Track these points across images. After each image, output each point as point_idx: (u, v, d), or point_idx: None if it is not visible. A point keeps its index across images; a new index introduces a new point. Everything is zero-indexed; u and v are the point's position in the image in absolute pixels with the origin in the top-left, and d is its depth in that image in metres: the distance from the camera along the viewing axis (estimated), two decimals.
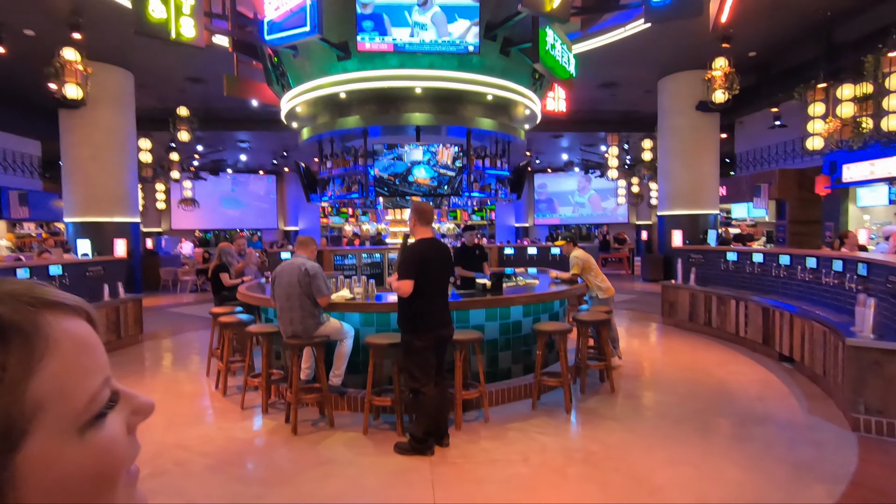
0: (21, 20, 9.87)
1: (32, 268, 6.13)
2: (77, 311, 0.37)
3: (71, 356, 0.35)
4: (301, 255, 4.34)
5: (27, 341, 0.32)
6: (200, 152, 19.88)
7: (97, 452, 0.35)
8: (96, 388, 0.36)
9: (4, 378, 0.31)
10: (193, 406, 4.73)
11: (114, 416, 0.37)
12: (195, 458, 3.64)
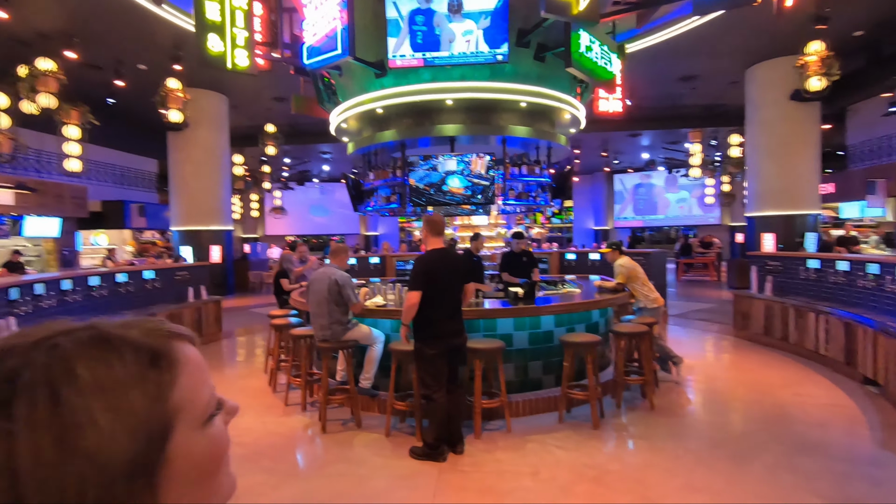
0: (136, 57, 11.43)
1: (130, 273, 7.11)
2: (190, 339, 0.49)
3: (194, 372, 0.47)
4: (333, 264, 4.62)
5: (169, 363, 0.44)
6: (288, 164, 21.56)
7: (214, 441, 0.47)
8: (209, 395, 0.48)
9: (159, 388, 0.43)
10: (246, 399, 5.22)
11: (218, 416, 0.50)
12: (232, 447, 4.03)
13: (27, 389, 0.38)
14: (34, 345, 0.41)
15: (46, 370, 0.39)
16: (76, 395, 0.38)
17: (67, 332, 0.42)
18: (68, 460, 0.37)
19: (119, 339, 0.43)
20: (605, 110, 7.54)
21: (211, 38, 5.10)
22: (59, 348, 0.40)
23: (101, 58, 11.23)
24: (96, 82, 12.07)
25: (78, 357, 0.40)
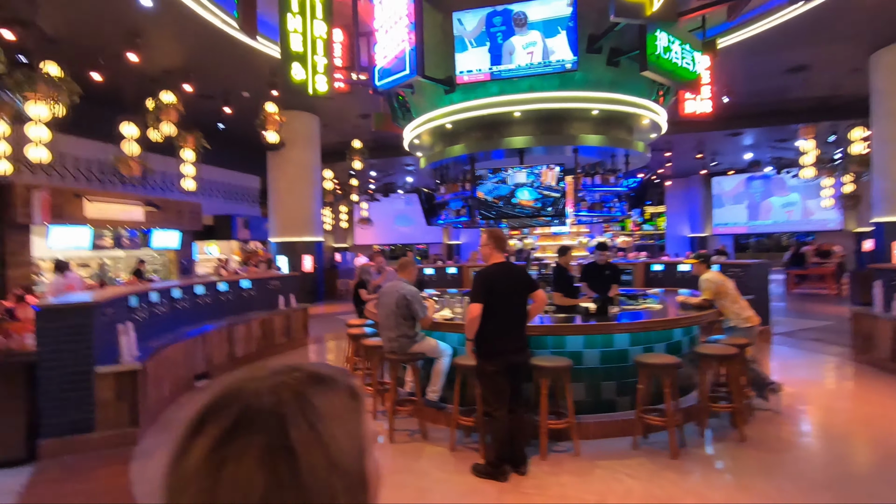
0: (240, 86, 12.67)
1: (230, 281, 7.86)
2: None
3: (366, 403, 0.56)
4: (402, 279, 4.75)
5: (360, 395, 0.54)
6: (374, 177, 22.58)
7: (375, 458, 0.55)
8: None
9: (360, 416, 0.52)
10: None
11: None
12: None
13: (293, 418, 0.46)
14: (271, 384, 0.49)
15: (296, 403, 0.47)
16: (322, 422, 0.47)
17: (285, 372, 0.51)
18: (333, 473, 0.46)
19: (328, 377, 0.52)
20: (692, 112, 7.01)
21: (294, 67, 5.52)
22: (290, 386, 0.49)
23: (212, 88, 12.60)
24: (208, 110, 13.55)
25: (310, 393, 0.49)
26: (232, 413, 0.46)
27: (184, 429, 0.47)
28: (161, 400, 5.24)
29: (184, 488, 0.44)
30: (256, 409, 0.46)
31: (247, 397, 0.47)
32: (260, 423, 0.45)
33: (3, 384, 4.17)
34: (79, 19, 9.30)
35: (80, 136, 11.32)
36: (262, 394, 0.47)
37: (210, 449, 0.44)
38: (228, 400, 0.47)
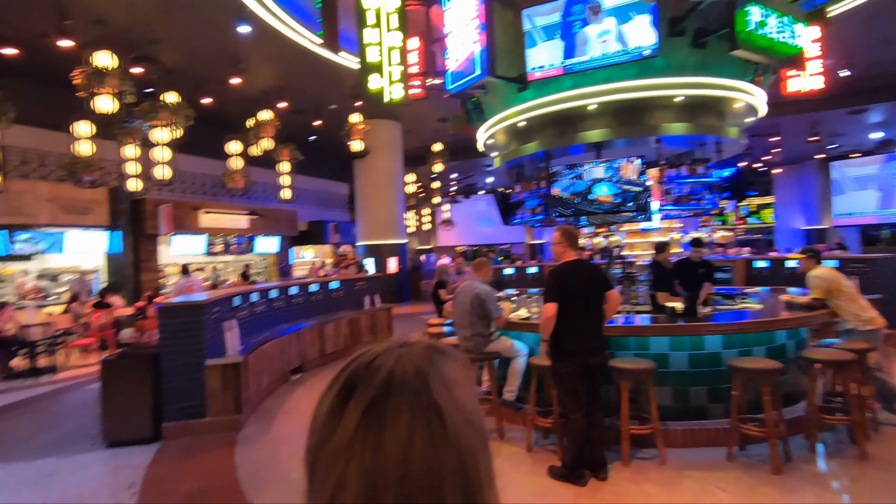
0: (327, 99, 13.48)
1: (320, 283, 8.41)
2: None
3: None
4: (476, 278, 4.79)
5: (471, 368, 0.57)
6: (455, 178, 22.88)
7: None
8: None
9: (475, 385, 0.64)
10: None
11: None
12: None
13: (434, 382, 0.49)
14: (405, 354, 0.52)
15: (432, 369, 0.50)
16: (454, 386, 0.50)
17: (407, 344, 0.54)
18: (470, 431, 0.49)
19: (445, 348, 0.55)
20: (797, 90, 6.29)
21: (372, 78, 5.80)
22: (420, 355, 0.52)
23: (303, 104, 13.56)
24: (300, 124, 14.60)
25: (438, 361, 0.52)
26: (380, 378, 0.48)
27: (329, 398, 0.50)
28: (260, 391, 5.75)
29: (345, 450, 0.45)
30: (401, 373, 0.48)
31: (390, 364, 0.50)
32: (408, 387, 0.47)
33: (134, 373, 4.82)
34: (192, 52, 10.48)
35: (194, 154, 12.72)
36: (402, 361, 0.50)
37: (364, 411, 0.46)
38: (372, 367, 0.50)
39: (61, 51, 8.72)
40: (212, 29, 9.44)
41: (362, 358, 0.52)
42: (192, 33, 9.70)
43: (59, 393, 6.84)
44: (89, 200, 11.71)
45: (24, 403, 6.40)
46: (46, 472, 4.13)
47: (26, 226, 11.00)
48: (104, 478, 4.01)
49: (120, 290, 11.88)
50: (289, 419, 5.26)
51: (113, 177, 11.27)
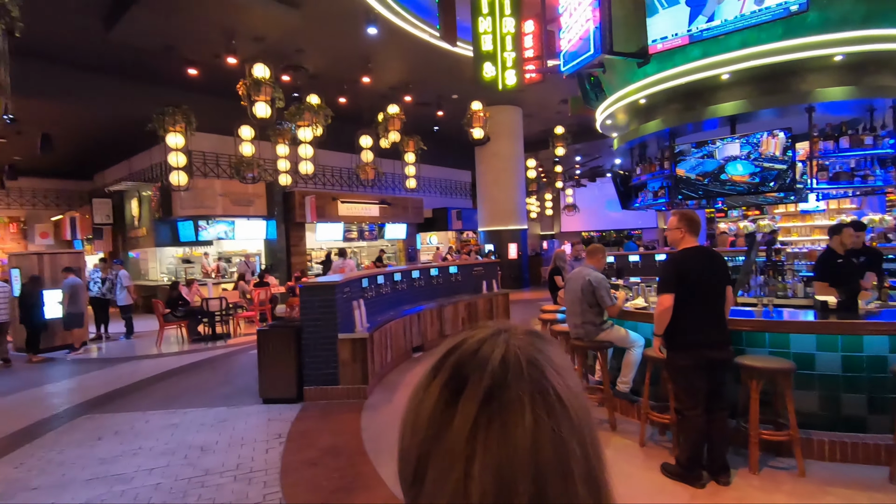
0: (449, 90, 13.87)
1: (440, 267, 8.83)
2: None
3: None
4: (588, 265, 4.67)
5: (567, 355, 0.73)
6: (580, 161, 22.00)
7: None
8: None
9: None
10: None
11: None
12: None
13: (548, 369, 0.46)
14: (510, 340, 0.48)
15: (542, 356, 0.47)
16: (565, 373, 0.47)
17: (506, 331, 0.51)
18: (588, 418, 0.47)
19: (544, 335, 0.52)
20: None
21: (486, 67, 5.88)
22: (526, 342, 0.49)
23: (427, 96, 14.13)
24: (424, 116, 15.25)
25: (544, 348, 0.49)
26: (494, 367, 0.45)
27: (434, 390, 0.47)
28: (384, 365, 6.30)
29: (465, 445, 0.42)
30: (515, 361, 0.46)
31: (500, 352, 0.47)
32: (524, 374, 0.45)
33: (283, 343, 5.63)
34: (330, 57, 11.56)
35: (332, 150, 14.07)
36: (512, 348, 0.47)
37: (482, 403, 0.43)
38: (480, 356, 0.47)
39: (229, 67, 10.26)
40: (345, 34, 10.30)
41: (466, 345, 0.49)
42: (329, 40, 10.69)
43: (230, 355, 8.23)
44: (252, 194, 13.69)
45: (205, 362, 7.83)
46: (220, 419, 5.06)
47: (207, 216, 13.27)
48: (260, 427, 4.79)
49: (275, 271, 13.76)
50: (409, 391, 5.69)
51: (269, 173, 13.01)
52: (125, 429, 4.85)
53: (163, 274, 14.64)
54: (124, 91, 11.85)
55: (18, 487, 3.68)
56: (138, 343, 9.74)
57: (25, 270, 8.93)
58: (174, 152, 10.03)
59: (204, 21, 9.24)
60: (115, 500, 3.43)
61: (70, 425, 5.05)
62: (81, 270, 9.59)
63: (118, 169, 16.55)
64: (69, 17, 9.00)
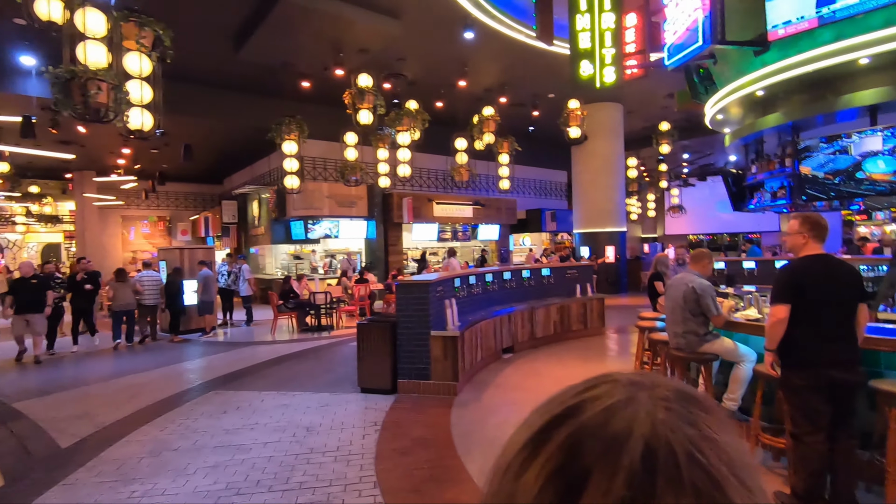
0: (545, 89, 13.66)
1: (532, 270, 8.75)
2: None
3: None
4: (692, 271, 4.37)
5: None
6: (688, 159, 20.45)
7: None
8: None
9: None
10: None
11: None
12: None
13: (712, 454, 0.33)
14: (649, 411, 0.35)
15: (708, 445, 0.33)
16: (738, 466, 0.34)
17: (642, 387, 0.37)
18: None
19: (695, 394, 0.38)
20: None
21: (583, 65, 5.74)
22: (681, 415, 0.35)
23: (522, 97, 14.05)
24: (519, 116, 15.16)
25: (703, 419, 0.35)
26: (633, 463, 0.31)
27: (536, 475, 0.33)
28: (474, 364, 6.40)
29: None
30: (667, 456, 0.31)
31: (638, 430, 0.32)
32: (685, 481, 0.30)
33: (380, 337, 5.97)
34: (428, 64, 11.97)
35: (428, 152, 14.52)
36: (657, 426, 0.33)
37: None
38: (611, 433, 0.33)
39: (336, 78, 11.06)
40: (443, 40, 10.60)
41: (587, 413, 0.35)
42: (428, 47, 11.07)
43: (333, 346, 8.88)
44: (354, 196, 14.61)
45: (312, 351, 8.53)
46: (323, 403, 5.50)
47: (315, 217, 14.39)
48: (358, 414, 5.13)
49: (374, 269, 14.55)
50: (498, 391, 5.74)
51: (370, 176, 13.78)
52: (245, 405, 5.47)
53: (277, 269, 16.14)
54: (249, 105, 13.26)
55: (164, 447, 4.33)
56: (256, 330, 10.87)
57: (170, 263, 10.38)
58: (288, 158, 11.04)
59: (316, 38, 10.05)
60: (237, 467, 3.89)
61: (202, 398, 5.80)
62: (212, 264, 10.91)
63: (242, 174, 18.54)
64: (206, 43, 10.29)
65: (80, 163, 16.74)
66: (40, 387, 6.57)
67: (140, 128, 6.33)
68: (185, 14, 8.88)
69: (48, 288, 8.16)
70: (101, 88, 5.42)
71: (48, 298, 8.00)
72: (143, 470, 3.89)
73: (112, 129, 6.33)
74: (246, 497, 3.43)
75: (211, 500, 3.39)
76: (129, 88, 5.95)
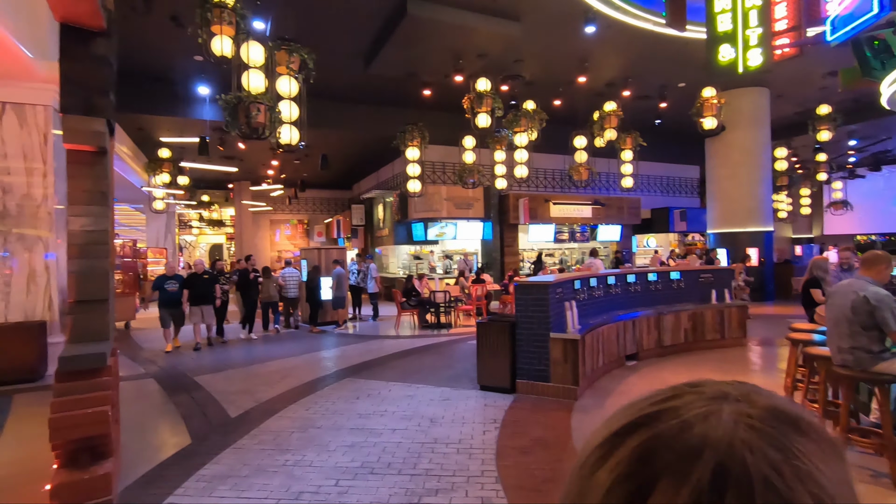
0: (675, 78, 12.70)
1: (660, 272, 8.18)
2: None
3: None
4: (864, 277, 3.77)
5: (845, 453, 0.36)
6: (855, 147, 17.48)
7: None
8: None
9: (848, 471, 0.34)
10: None
11: None
12: None
13: (797, 481, 0.30)
14: (732, 426, 0.32)
15: (783, 464, 0.30)
16: (815, 480, 0.31)
17: (731, 399, 0.35)
18: None
19: (797, 414, 0.35)
20: None
21: (722, 50, 5.25)
22: (768, 434, 0.32)
23: (648, 88, 13.19)
24: (644, 109, 14.25)
25: (799, 444, 0.32)
26: (703, 472, 0.30)
27: (606, 482, 0.33)
28: (595, 370, 6.18)
29: None
30: (741, 474, 0.30)
31: (715, 443, 0.31)
32: (753, 498, 0.29)
33: (500, 336, 6.06)
34: (547, 63, 11.81)
35: (545, 152, 14.31)
36: (737, 443, 0.31)
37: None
38: (685, 443, 0.32)
39: (455, 85, 11.42)
40: (562, 37, 10.38)
41: (666, 417, 0.34)
42: (547, 46, 10.92)
43: (451, 343, 9.19)
44: (471, 198, 14.93)
45: (432, 346, 8.92)
46: (444, 397, 5.74)
47: (433, 219, 15.00)
48: (478, 410, 5.27)
49: (490, 270, 14.73)
50: (622, 400, 5.43)
51: (486, 178, 13.98)
52: (375, 393, 5.92)
53: (399, 268, 17.13)
54: (376, 115, 14.27)
55: (309, 425, 4.88)
56: (381, 325, 11.67)
57: (309, 261, 11.59)
58: (411, 163, 11.67)
59: (438, 48, 10.49)
60: (371, 448, 4.25)
61: (338, 384, 6.41)
62: (344, 263, 11.95)
63: (369, 180, 19.99)
64: (340, 62, 11.30)
65: (240, 175, 19.41)
66: (213, 365, 7.79)
67: (288, 142, 7.18)
68: (324, 38, 9.86)
69: (217, 283, 9.56)
70: (259, 110, 6.28)
71: (217, 291, 9.38)
72: (293, 442, 4.43)
73: (265, 144, 7.26)
74: (379, 477, 3.73)
75: (349, 476, 3.75)
76: (281, 108, 6.79)
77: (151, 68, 11.16)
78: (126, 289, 12.13)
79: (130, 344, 9.78)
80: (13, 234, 6.87)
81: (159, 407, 5.73)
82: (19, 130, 6.88)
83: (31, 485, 3.56)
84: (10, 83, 6.70)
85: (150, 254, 17.39)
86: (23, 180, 6.90)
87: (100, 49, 3.49)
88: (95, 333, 3.44)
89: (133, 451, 4.28)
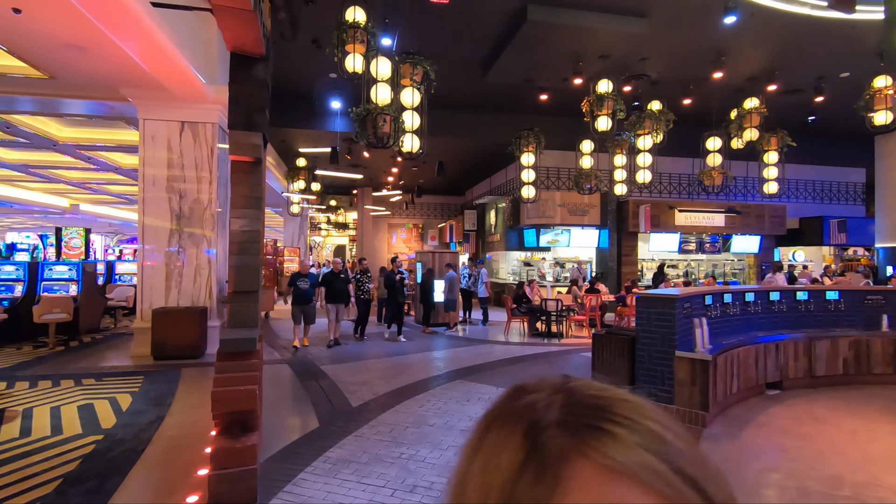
0: (837, 68, 11.08)
1: (812, 291, 7.12)
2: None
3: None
4: None
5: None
6: None
7: None
8: None
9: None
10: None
11: None
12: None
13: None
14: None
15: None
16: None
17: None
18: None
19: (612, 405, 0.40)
20: None
21: None
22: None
23: (800, 81, 11.63)
24: (793, 106, 12.57)
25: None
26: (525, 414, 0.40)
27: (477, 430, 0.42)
28: (728, 396, 5.56)
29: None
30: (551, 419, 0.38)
31: (533, 406, 0.41)
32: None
33: (618, 351, 5.75)
34: (676, 60, 10.99)
35: (671, 156, 13.29)
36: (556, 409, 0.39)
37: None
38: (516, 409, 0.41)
39: (574, 88, 11.11)
40: (695, 31, 9.58)
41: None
42: (676, 42, 10.16)
43: (563, 353, 8.92)
44: (587, 204, 14.39)
45: (542, 355, 8.74)
46: None
47: (546, 225, 14.71)
48: None
49: (605, 280, 14.03)
50: (761, 433, 4.87)
51: (604, 183, 13.37)
52: (485, 397, 5.96)
53: (508, 273, 17.06)
54: (492, 122, 14.42)
55: (422, 422, 5.06)
56: (491, 330, 11.71)
57: (424, 264, 12.05)
58: (526, 169, 11.58)
59: (557, 51, 10.30)
60: None
61: (449, 385, 6.57)
62: (456, 267, 12.22)
63: (482, 185, 20.24)
64: (459, 72, 11.61)
65: (363, 181, 20.88)
66: (338, 356, 8.46)
67: (410, 150, 7.56)
68: (444, 49, 10.22)
69: (350, 283, 10.09)
70: (385, 120, 6.71)
71: (351, 290, 10.00)
72: (408, 437, 4.63)
73: (387, 152, 7.74)
74: None
75: None
76: (404, 118, 7.17)
77: (294, 87, 12.49)
78: (267, 283, 13.70)
79: (268, 332, 11.01)
80: (185, 232, 8.14)
81: (292, 391, 6.36)
82: (193, 145, 8.15)
83: (195, 446, 4.18)
84: (188, 105, 7.97)
85: (286, 252, 19.43)
86: (194, 187, 8.16)
87: (259, 73, 4.01)
88: (248, 320, 3.93)
89: (270, 427, 4.80)
